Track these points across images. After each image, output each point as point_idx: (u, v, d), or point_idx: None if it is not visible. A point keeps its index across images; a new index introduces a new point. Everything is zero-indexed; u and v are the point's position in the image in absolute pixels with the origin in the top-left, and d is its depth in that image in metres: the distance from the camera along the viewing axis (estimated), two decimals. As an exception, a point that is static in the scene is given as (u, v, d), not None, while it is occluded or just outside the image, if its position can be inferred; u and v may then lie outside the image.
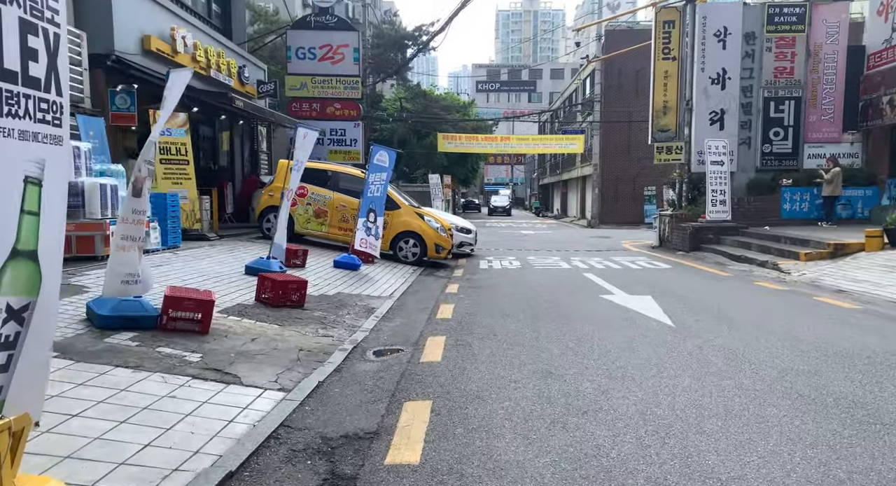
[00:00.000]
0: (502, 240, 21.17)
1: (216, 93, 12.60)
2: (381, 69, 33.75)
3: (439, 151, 34.51)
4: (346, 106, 19.75)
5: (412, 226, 12.51)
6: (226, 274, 8.08)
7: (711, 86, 16.50)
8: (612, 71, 34.99)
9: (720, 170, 15.66)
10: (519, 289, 9.61)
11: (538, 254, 15.92)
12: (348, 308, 7.33)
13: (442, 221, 13.06)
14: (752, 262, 12.58)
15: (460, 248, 14.91)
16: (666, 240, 17.34)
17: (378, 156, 10.41)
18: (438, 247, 12.56)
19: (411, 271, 11.65)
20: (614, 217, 35.32)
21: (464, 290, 9.50)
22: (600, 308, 7.77)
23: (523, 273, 11.80)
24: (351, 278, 9.64)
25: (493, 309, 7.74)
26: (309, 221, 12.50)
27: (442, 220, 13.12)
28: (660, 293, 9.00)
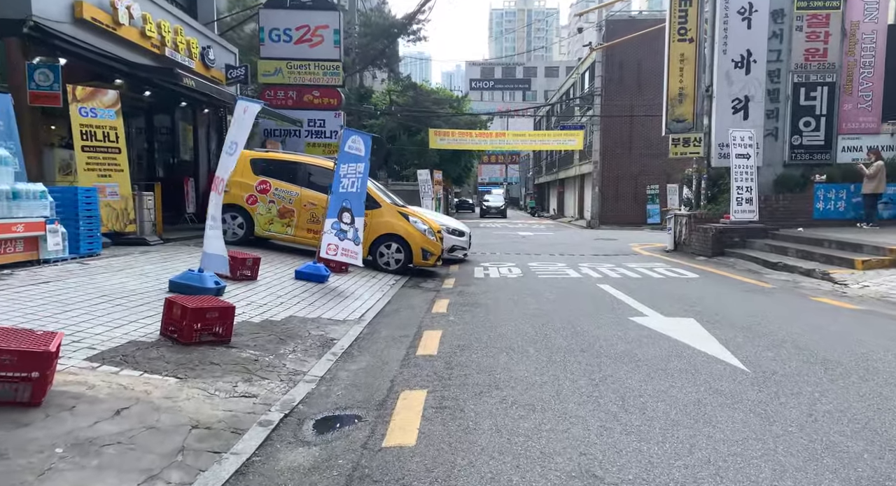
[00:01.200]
0: (499, 243, 19.26)
1: (159, 68, 10.67)
2: (370, 60, 31.81)
3: (431, 147, 32.63)
4: (325, 94, 17.82)
5: (395, 228, 10.60)
6: (139, 293, 6.13)
7: (734, 70, 14.67)
8: (613, 63, 33.19)
9: (746, 164, 13.83)
10: (523, 307, 7.70)
11: (540, 259, 14.03)
12: (297, 341, 5.39)
13: (430, 222, 11.15)
14: (793, 270, 10.73)
15: (452, 253, 13.01)
16: (682, 243, 15.49)
17: (350, 142, 8.49)
18: (426, 252, 10.65)
19: (393, 282, 9.73)
20: (615, 217, 33.51)
21: (455, 308, 7.59)
22: (636, 339, 5.88)
23: (526, 284, 9.90)
24: (314, 293, 7.71)
25: (493, 339, 5.84)
26: (272, 222, 10.55)
27: (430, 221, 11.21)
28: (703, 314, 7.12)
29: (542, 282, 10.18)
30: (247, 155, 10.85)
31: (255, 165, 10.74)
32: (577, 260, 13.81)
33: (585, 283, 10.05)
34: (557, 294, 8.77)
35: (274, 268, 8.95)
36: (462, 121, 35.80)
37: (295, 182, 10.71)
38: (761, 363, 4.94)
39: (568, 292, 9.03)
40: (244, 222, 10.52)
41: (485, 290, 9.23)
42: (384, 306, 7.71)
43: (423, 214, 11.86)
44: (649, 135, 33.28)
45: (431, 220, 11.54)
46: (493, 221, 39.28)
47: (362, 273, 10.01)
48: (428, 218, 11.34)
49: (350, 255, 8.36)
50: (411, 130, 36.22)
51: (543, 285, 9.84)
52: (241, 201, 10.50)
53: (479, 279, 10.56)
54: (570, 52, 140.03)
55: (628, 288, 9.32)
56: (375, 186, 11.41)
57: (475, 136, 33.30)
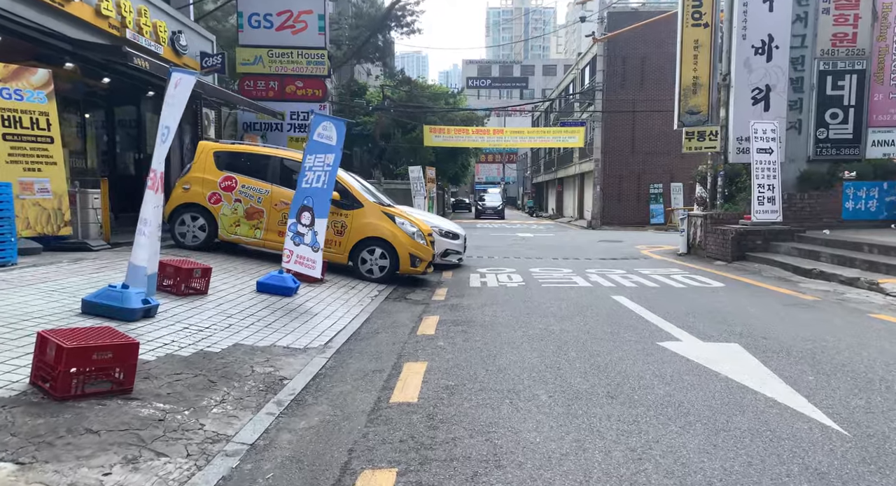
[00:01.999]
0: (496, 245, 17.95)
1: (105, 46, 9.35)
2: (362, 53, 30.49)
3: (426, 145, 31.30)
4: (309, 84, 16.50)
5: (379, 230, 9.29)
6: (37, 318, 4.80)
7: (754, 57, 13.39)
8: (615, 58, 31.92)
9: (769, 160, 12.55)
10: (527, 326, 6.41)
11: (542, 264, 12.73)
12: (232, 384, 4.08)
13: (419, 223, 9.84)
14: (831, 278, 9.45)
15: (445, 257, 11.71)
16: (697, 246, 14.21)
17: (321, 129, 7.17)
18: (414, 258, 9.35)
19: (375, 293, 8.43)
20: (617, 217, 32.24)
21: (446, 328, 6.29)
22: (674, 375, 4.58)
23: (529, 295, 8.60)
24: (275, 311, 6.40)
25: (492, 375, 4.54)
26: (238, 224, 9.23)
27: (419, 222, 9.91)
28: (746, 337, 5.83)
29: (547, 293, 8.88)
30: (209, 147, 9.54)
31: (219, 158, 9.42)
32: (584, 265, 12.51)
33: (597, 294, 8.75)
34: (566, 309, 7.47)
35: (234, 279, 7.63)
36: (458, 117, 34.52)
37: (265, 178, 9.39)
38: (856, 418, 3.65)
39: (578, 306, 7.73)
40: (206, 224, 9.20)
41: (482, 303, 7.92)
42: (360, 326, 6.40)
43: (412, 214, 10.55)
44: (653, 132, 32.05)
45: (421, 221, 10.24)
46: (491, 221, 37.86)
47: (341, 283, 8.70)
48: (417, 219, 10.04)
49: (306, 264, 7.03)
50: (406, 126, 34.90)
51: (549, 296, 8.54)
52: (203, 200, 9.18)
53: (474, 289, 9.26)
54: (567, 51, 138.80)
55: (647, 300, 8.03)
56: (357, 181, 10.11)
57: (472, 133, 31.99)
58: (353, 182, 9.69)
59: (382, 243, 9.29)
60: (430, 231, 10.14)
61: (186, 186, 9.24)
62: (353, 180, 9.86)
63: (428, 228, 10.22)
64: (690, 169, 32.61)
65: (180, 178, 9.49)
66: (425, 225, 10.21)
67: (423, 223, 10.16)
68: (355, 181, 9.92)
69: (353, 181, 9.71)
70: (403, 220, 9.50)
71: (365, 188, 10.13)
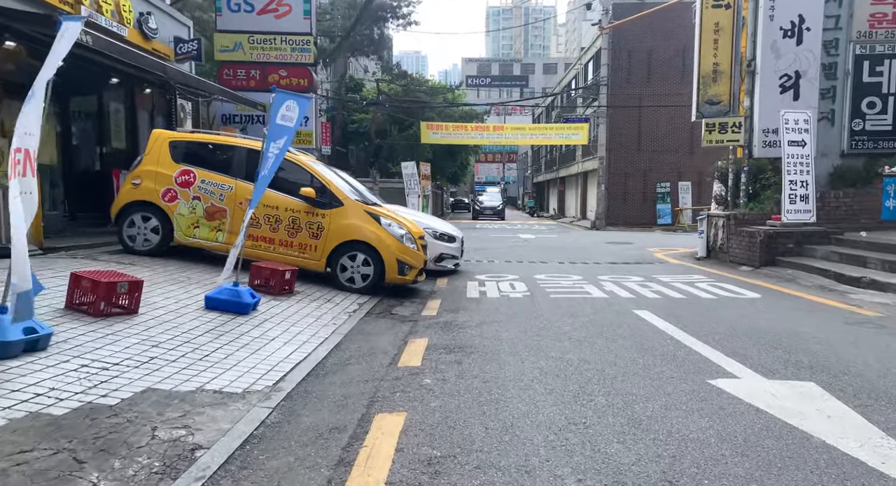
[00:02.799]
0: (497, 248, 16.64)
1: (31, 14, 7.96)
2: (356, 47, 29.21)
3: (423, 142, 30.04)
4: (294, 73, 15.22)
5: (362, 233, 7.98)
6: None
7: (783, 40, 12.08)
8: (620, 51, 30.62)
9: (801, 153, 11.26)
10: (537, 353, 5.11)
11: (548, 270, 11.43)
12: (109, 465, 2.77)
13: (409, 225, 8.54)
14: (887, 288, 8.14)
15: (440, 263, 10.42)
16: (718, 249, 12.90)
17: (284, 110, 5.88)
18: (403, 265, 8.04)
19: (355, 308, 7.12)
20: (622, 218, 30.95)
21: (435, 358, 4.99)
22: (748, 438, 3.27)
23: (537, 309, 7.30)
24: (220, 336, 5.09)
25: (494, 440, 3.24)
26: (197, 226, 7.91)
27: (409, 224, 8.60)
28: (819, 370, 4.53)
29: (557, 306, 7.58)
30: (164, 136, 8.23)
31: (176, 149, 8.11)
32: (594, 271, 11.21)
33: (616, 308, 7.45)
34: (583, 329, 6.17)
35: (182, 292, 6.33)
36: (457, 113, 33.24)
37: (229, 172, 8.08)
38: None
39: (597, 324, 6.43)
40: (160, 226, 7.88)
41: (480, 320, 6.63)
42: (327, 355, 5.10)
43: (401, 215, 9.24)
44: (659, 128, 30.79)
45: (411, 222, 8.94)
46: (490, 222, 36.34)
47: (315, 295, 7.40)
48: (406, 220, 8.73)
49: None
50: (403, 123, 33.64)
51: (559, 311, 7.24)
52: (156, 198, 7.87)
53: (472, 301, 7.96)
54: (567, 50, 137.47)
55: (677, 317, 6.73)
56: (338, 176, 8.80)
57: (471, 129, 30.73)
58: (332, 177, 8.38)
59: (366, 248, 7.98)
60: (421, 234, 8.83)
61: (136, 182, 7.92)
62: (333, 175, 8.56)
63: (419, 230, 8.92)
64: (699, 167, 31.40)
65: (129, 171, 8.16)
66: (416, 227, 8.90)
67: (413, 225, 8.85)
68: (335, 176, 8.62)
69: (331, 176, 8.40)
70: (390, 221, 8.19)
71: (347, 184, 8.83)
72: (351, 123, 34.98)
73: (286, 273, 7.00)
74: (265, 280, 6.94)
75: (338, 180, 8.49)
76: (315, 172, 8.13)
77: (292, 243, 7.95)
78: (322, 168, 8.43)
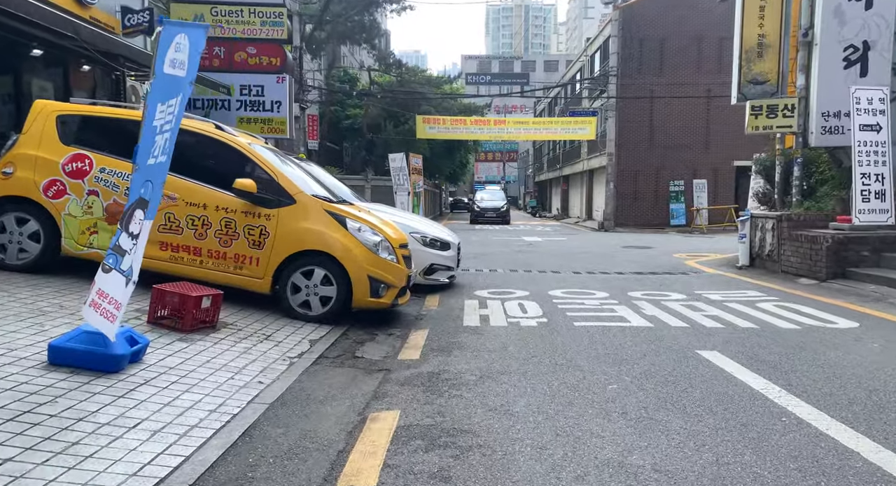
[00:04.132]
0: (499, 253, 14.52)
1: None
2: (347, 34, 27.10)
3: (418, 137, 27.91)
4: (264, 50, 13.11)
5: (321, 240, 5.85)
6: None
7: (849, 2, 9.98)
8: (631, 39, 28.47)
9: (875, 140, 9.17)
10: (581, 458, 3.00)
11: (564, 282, 9.32)
12: None
13: (388, 230, 6.41)
14: None
15: (431, 276, 8.32)
16: (766, 256, 10.78)
17: (173, 52, 3.74)
18: (377, 284, 5.92)
19: (303, 350, 4.99)
20: (633, 218, 28.82)
21: (406, 465, 2.89)
22: None
23: (562, 350, 5.19)
24: (33, 425, 2.97)
25: None
26: (94, 230, 5.77)
27: (387, 229, 6.47)
28: None
29: (589, 342, 5.47)
30: (49, 108, 6.09)
31: (66, 126, 5.98)
32: (621, 284, 9.10)
33: (670, 345, 5.34)
34: (638, 390, 4.05)
35: (33, 332, 4.20)
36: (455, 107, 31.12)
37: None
38: None
39: (656, 380, 4.31)
40: (41, 231, 5.75)
41: (482, 370, 4.51)
42: (223, 454, 2.97)
43: (378, 215, 7.08)
44: (673, 122, 28.66)
45: (392, 227, 6.81)
46: (490, 223, 32.41)
47: (248, 328, 5.28)
48: (383, 224, 6.60)
49: (103, 310, 3.61)
50: (398, 118, 31.50)
51: (594, 351, 5.13)
52: (35, 192, 5.74)
53: (471, 332, 5.85)
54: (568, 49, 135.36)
55: (768, 365, 4.62)
56: (288, 163, 6.65)
57: (471, 123, 28.58)
58: (281, 166, 6.26)
59: (326, 261, 5.86)
60: (404, 241, 6.69)
61: (8, 171, 5.77)
62: (280, 160, 6.42)
63: (402, 236, 6.79)
64: (715, 163, 29.26)
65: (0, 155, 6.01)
66: (398, 232, 6.78)
67: (394, 230, 6.73)
68: (284, 162, 6.48)
69: (277, 162, 6.27)
70: (360, 224, 6.06)
71: (306, 176, 6.70)
72: (345, 119, 32.87)
73: (203, 300, 4.88)
74: (173, 310, 4.82)
75: (290, 170, 6.36)
76: (256, 157, 6.02)
77: (226, 253, 5.83)
78: (267, 154, 6.30)
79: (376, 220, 6.55)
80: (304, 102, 24.16)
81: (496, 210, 32.43)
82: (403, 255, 6.45)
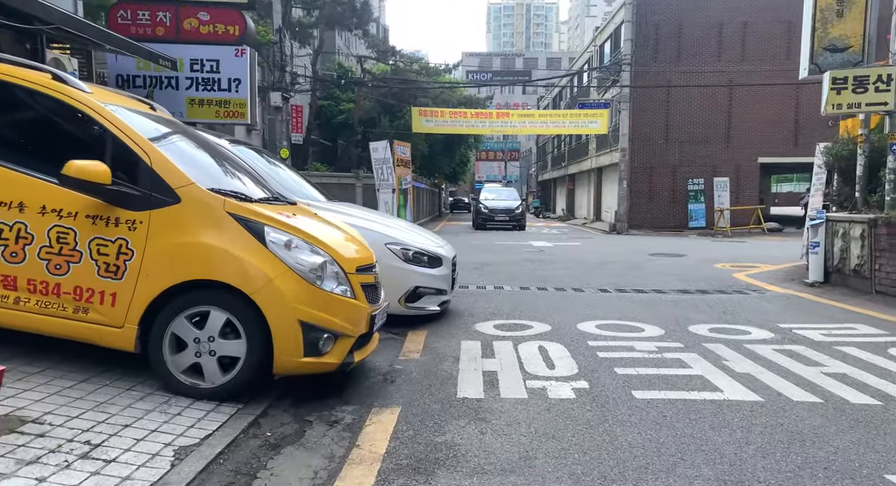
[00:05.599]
0: (503, 262, 12.16)
1: None
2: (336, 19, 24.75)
3: (414, 130, 25.64)
4: (219, 17, 10.79)
5: (224, 264, 3.52)
6: None
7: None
8: (646, 24, 26.12)
9: None
10: None
11: (594, 307, 6.98)
12: None
13: (338, 245, 4.05)
14: None
15: (414, 303, 5.99)
16: (850, 272, 8.42)
17: None
18: (316, 334, 3.59)
19: (157, 476, 2.66)
20: (648, 220, 26.48)
21: None
22: None
23: (633, 471, 2.85)
24: None
25: None
26: None
27: (337, 244, 4.10)
28: None
29: (671, 439, 3.13)
30: None
31: None
32: (671, 310, 6.76)
33: (826, 457, 2.99)
34: None
35: None
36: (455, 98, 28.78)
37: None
38: None
39: None
40: None
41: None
42: None
43: (318, 218, 4.64)
44: (691, 115, 26.33)
45: (351, 237, 4.44)
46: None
47: (77, 427, 2.94)
48: (332, 233, 4.23)
49: None
50: (393, 111, 29.15)
51: (693, 472, 2.78)
52: None
53: (469, 416, 3.50)
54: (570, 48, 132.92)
55: None
56: (182, 136, 4.28)
57: (471, 116, 26.22)
58: (156, 135, 3.90)
59: (230, 298, 3.51)
60: (367, 261, 4.30)
61: None
62: (155, 126, 4.05)
63: (367, 253, 4.41)
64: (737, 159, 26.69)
65: None
66: (361, 246, 4.41)
67: (354, 242, 4.38)
68: (169, 134, 4.11)
69: (152, 131, 3.90)
70: (288, 237, 3.70)
71: (205, 156, 4.34)
72: (339, 114, 30.54)
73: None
74: None
75: (179, 148, 4.00)
76: (114, 124, 3.64)
77: (59, 286, 3.50)
78: (137, 120, 3.92)
79: (323, 229, 4.20)
80: (286, 91, 21.86)
81: (509, 212, 25.69)
82: (364, 282, 4.09)
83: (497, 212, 25.54)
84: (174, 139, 4.09)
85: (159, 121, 4.26)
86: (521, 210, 26.22)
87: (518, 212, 25.93)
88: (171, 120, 4.59)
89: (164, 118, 4.46)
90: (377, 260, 4.51)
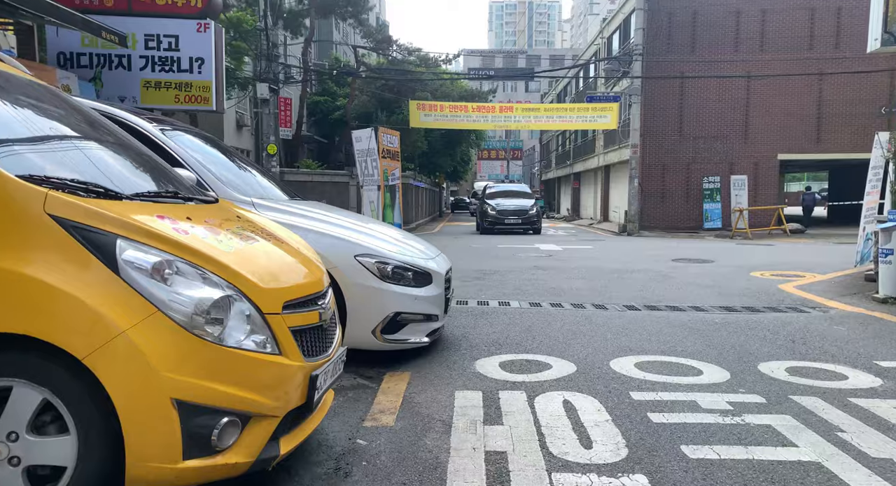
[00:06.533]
0: (508, 271, 10.66)
1: None
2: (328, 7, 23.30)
3: (412, 125, 24.21)
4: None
5: (34, 307, 2.05)
6: None
7: None
8: (659, 13, 24.59)
9: None
10: None
11: (627, 335, 5.48)
12: None
13: (247, 270, 2.57)
14: None
15: (393, 335, 4.48)
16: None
17: None
18: (207, 421, 2.10)
19: None
20: (661, 220, 25.00)
21: None
22: None
23: None
24: None
25: None
26: None
27: (246, 266, 2.62)
28: None
29: None
30: None
31: None
32: (723, 337, 5.26)
33: None
34: None
35: None
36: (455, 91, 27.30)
37: None
38: None
39: None
40: None
41: None
42: None
43: (252, 222, 3.17)
44: (706, 110, 24.83)
45: (288, 252, 2.94)
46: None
47: None
48: (247, 247, 2.76)
49: None
50: (391, 106, 27.69)
51: None
52: None
53: None
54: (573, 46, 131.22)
55: None
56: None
57: (472, 110, 24.75)
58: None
59: (44, 366, 2.02)
60: (312, 289, 2.78)
61: None
62: None
63: (315, 276, 2.90)
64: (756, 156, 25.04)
65: None
66: (307, 267, 2.91)
67: (290, 262, 2.88)
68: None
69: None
70: (165, 256, 2.21)
71: (64, 122, 2.85)
72: (335, 110, 29.11)
73: None
74: None
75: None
76: None
77: None
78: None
79: (241, 243, 2.70)
80: (274, 82, 20.40)
81: (522, 214, 22.48)
82: (299, 325, 2.59)
83: (507, 214, 22.38)
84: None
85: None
86: (535, 210, 22.97)
87: (532, 212, 22.71)
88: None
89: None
90: (349, 279, 3.02)
